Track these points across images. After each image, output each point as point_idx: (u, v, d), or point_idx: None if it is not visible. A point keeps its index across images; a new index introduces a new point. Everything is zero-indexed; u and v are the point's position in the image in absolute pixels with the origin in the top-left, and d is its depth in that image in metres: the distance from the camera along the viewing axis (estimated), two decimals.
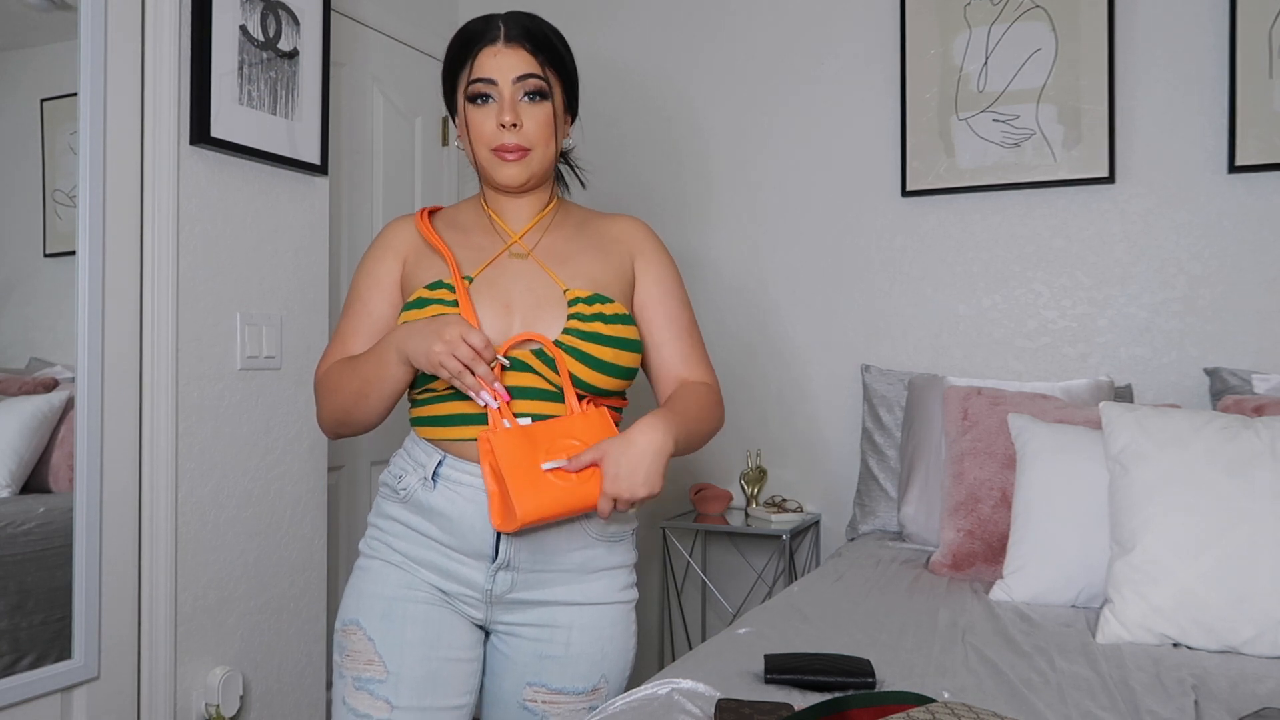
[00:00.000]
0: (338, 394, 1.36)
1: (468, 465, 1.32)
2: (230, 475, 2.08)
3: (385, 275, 1.42)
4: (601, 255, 1.43)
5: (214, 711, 1.99)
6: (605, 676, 1.38)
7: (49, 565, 1.76)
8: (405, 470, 1.36)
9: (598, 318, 1.33)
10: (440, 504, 1.32)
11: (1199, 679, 1.40)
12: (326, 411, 1.39)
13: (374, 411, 1.34)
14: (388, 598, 1.34)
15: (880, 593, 1.91)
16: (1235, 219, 2.38)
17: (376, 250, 1.44)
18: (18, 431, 1.74)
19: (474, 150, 1.38)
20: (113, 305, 1.85)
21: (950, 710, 0.97)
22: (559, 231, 1.44)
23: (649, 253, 1.46)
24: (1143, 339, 2.46)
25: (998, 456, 2.09)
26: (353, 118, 2.65)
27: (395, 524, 1.37)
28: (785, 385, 2.85)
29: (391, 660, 1.32)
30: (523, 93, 1.34)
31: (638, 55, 3.04)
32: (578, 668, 1.36)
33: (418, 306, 1.33)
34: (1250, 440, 1.65)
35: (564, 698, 1.35)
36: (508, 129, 1.33)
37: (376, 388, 1.31)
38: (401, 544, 1.36)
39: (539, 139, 1.35)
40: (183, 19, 1.96)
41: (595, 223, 1.48)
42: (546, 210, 1.45)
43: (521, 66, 1.34)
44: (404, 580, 1.35)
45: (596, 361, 1.31)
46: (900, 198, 2.70)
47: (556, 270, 1.38)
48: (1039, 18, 2.52)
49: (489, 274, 1.37)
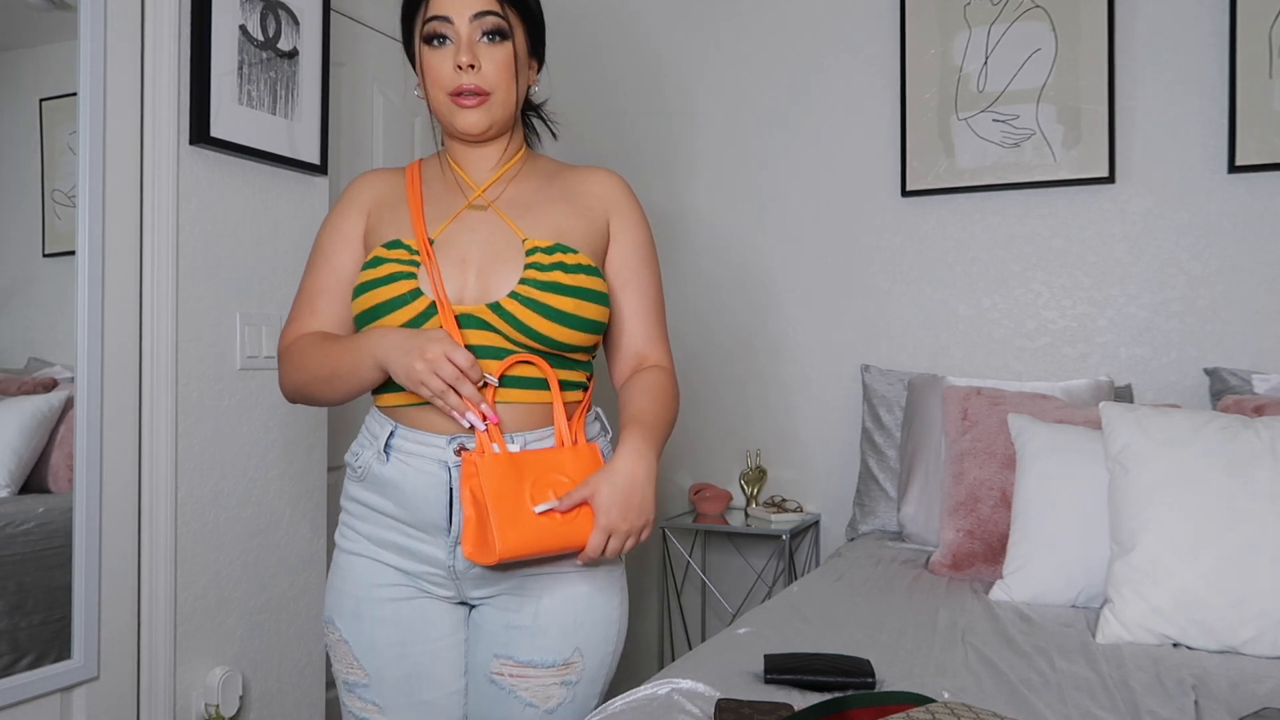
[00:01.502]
0: (303, 371, 1.31)
1: (420, 435, 1.26)
2: (230, 475, 2.07)
3: (350, 229, 1.37)
4: (571, 207, 1.35)
5: (213, 711, 1.99)
6: (580, 650, 1.28)
7: (48, 565, 1.76)
8: (363, 445, 1.31)
9: (558, 267, 1.25)
10: (393, 475, 1.26)
11: (1199, 679, 1.40)
12: (290, 382, 1.34)
13: (337, 397, 1.30)
14: (357, 596, 1.31)
15: (880, 593, 1.91)
16: (1235, 219, 2.38)
17: (342, 205, 1.39)
18: (17, 431, 1.74)
19: (430, 96, 1.31)
20: (112, 305, 1.85)
21: (950, 710, 0.97)
22: (526, 182, 1.37)
23: (626, 212, 1.39)
24: (1142, 339, 2.46)
25: (997, 456, 2.09)
26: (352, 118, 2.65)
27: (357, 505, 1.32)
28: (785, 385, 2.85)
29: (368, 663, 1.30)
30: (481, 32, 1.27)
31: (637, 55, 3.04)
32: (547, 638, 1.27)
33: (373, 265, 1.28)
34: (1250, 440, 1.65)
35: (533, 670, 1.27)
36: (465, 70, 1.26)
37: (345, 381, 1.27)
38: (365, 526, 1.31)
39: (499, 81, 1.28)
40: (182, 19, 1.96)
41: (567, 175, 1.40)
42: (514, 161, 1.38)
43: (479, 3, 1.27)
44: (371, 575, 1.31)
45: (555, 313, 1.23)
46: (900, 198, 2.70)
47: (518, 221, 1.31)
48: (1039, 18, 2.52)
49: (450, 231, 1.31)
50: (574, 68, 3.13)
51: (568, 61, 3.13)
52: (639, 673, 2.87)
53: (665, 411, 1.30)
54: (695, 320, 2.95)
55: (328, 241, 1.37)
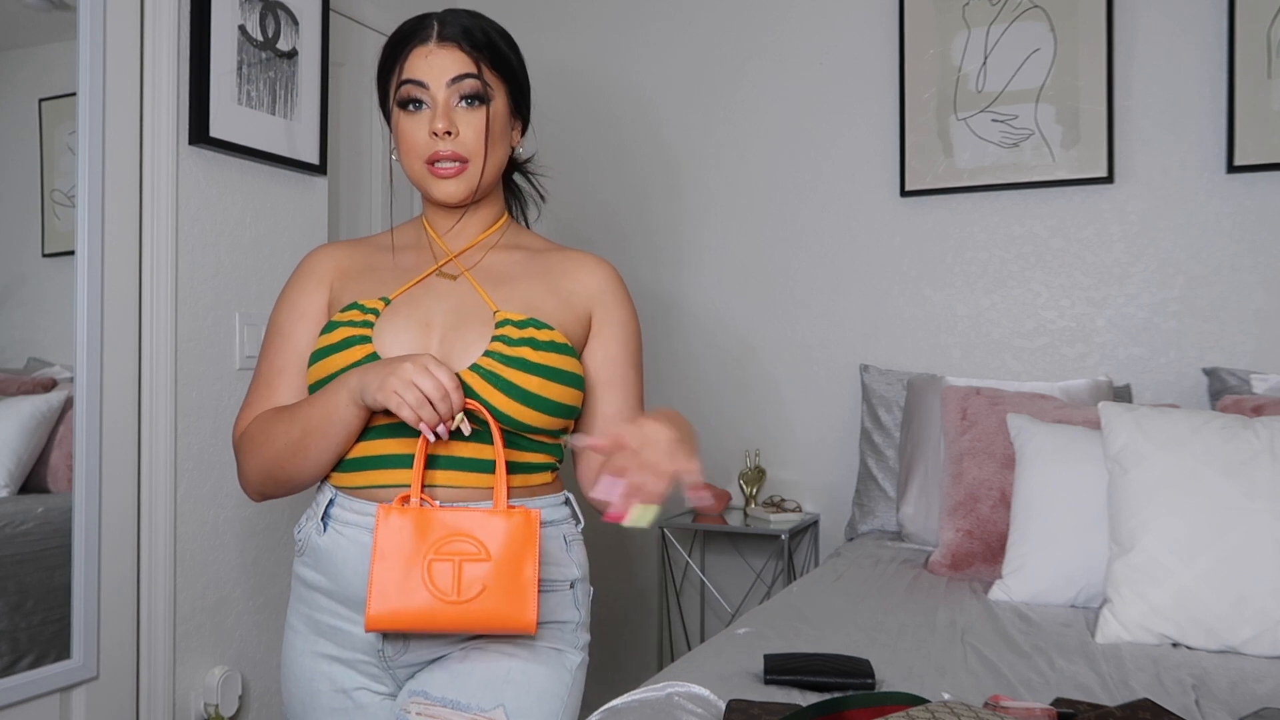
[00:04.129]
0: (266, 446, 1.19)
1: (358, 504, 1.18)
2: (229, 475, 2.07)
3: (308, 304, 1.27)
4: (550, 288, 1.26)
5: (213, 711, 1.99)
6: (505, 709, 1.12)
7: (48, 565, 1.76)
8: (307, 517, 1.24)
9: (527, 342, 1.16)
10: (328, 546, 1.19)
11: (1198, 679, 1.40)
12: (252, 466, 1.22)
13: (311, 465, 1.17)
14: (303, 701, 1.24)
15: (879, 593, 1.91)
16: (1234, 219, 2.38)
17: (298, 279, 1.29)
18: (16, 432, 1.74)
19: (406, 164, 1.24)
20: (111, 305, 1.85)
21: (950, 710, 0.97)
22: (505, 254, 1.29)
23: (614, 307, 1.29)
24: (1141, 339, 2.47)
25: (996, 456, 2.10)
26: (352, 118, 2.65)
27: (299, 583, 1.25)
28: (784, 385, 2.85)
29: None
30: (459, 96, 1.20)
31: (639, 55, 3.04)
32: (469, 679, 1.14)
33: (327, 331, 1.20)
34: (1249, 440, 1.65)
35: (444, 711, 1.12)
36: (441, 137, 1.19)
37: (320, 436, 1.15)
38: (304, 609, 1.24)
39: (477, 149, 1.21)
40: (182, 19, 1.96)
41: (553, 255, 1.31)
42: (493, 229, 1.31)
43: (456, 67, 1.20)
44: (312, 679, 1.23)
45: (519, 391, 1.14)
46: (899, 198, 2.70)
47: (492, 292, 1.22)
48: (1038, 18, 2.52)
49: (412, 294, 1.22)
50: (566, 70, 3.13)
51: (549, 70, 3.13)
52: (638, 673, 2.87)
53: None
54: (694, 320, 2.95)
55: (284, 319, 1.27)
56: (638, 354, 1.31)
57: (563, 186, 2.94)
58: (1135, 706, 1.12)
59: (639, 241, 3.00)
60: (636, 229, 3.02)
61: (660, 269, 2.98)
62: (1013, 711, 1.12)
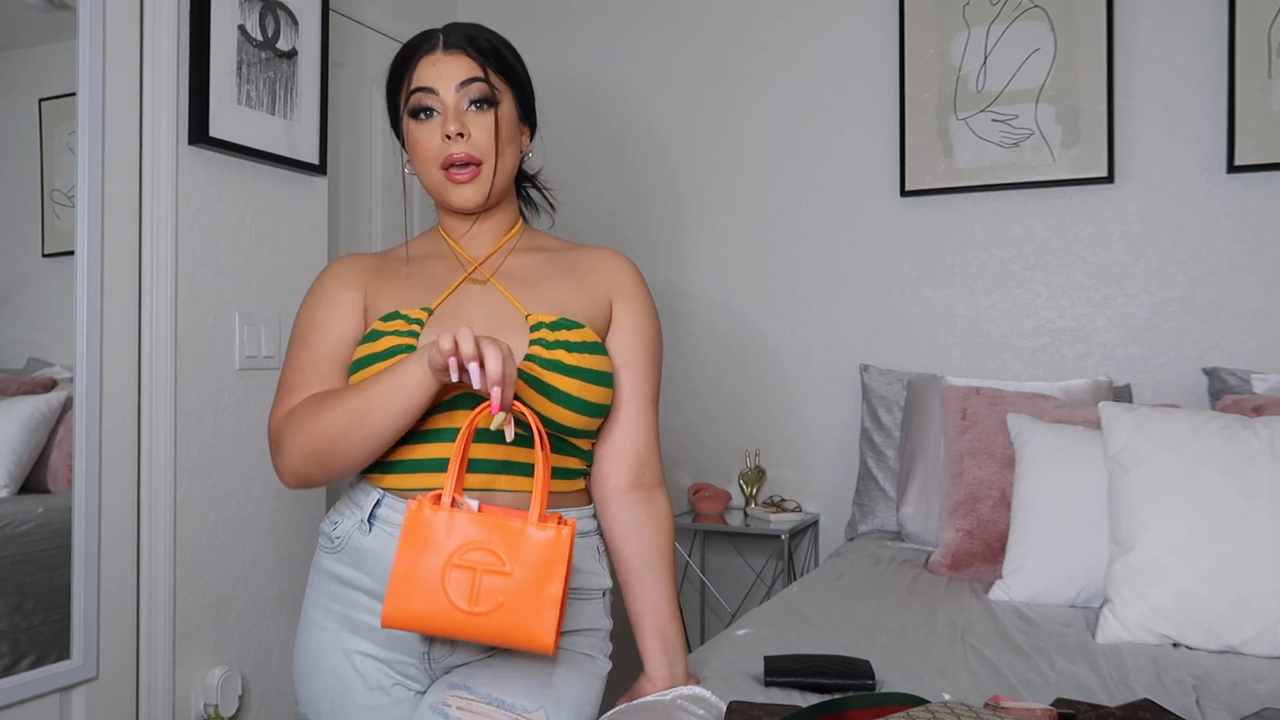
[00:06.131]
0: (320, 418, 1.16)
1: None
2: (229, 475, 2.07)
3: (345, 300, 1.26)
4: (573, 284, 1.28)
5: (213, 711, 1.99)
6: (546, 711, 1.15)
7: (48, 565, 1.76)
8: (343, 515, 1.24)
9: (561, 345, 1.19)
10: (375, 546, 1.19)
11: (1199, 679, 1.40)
12: (298, 443, 1.18)
13: (367, 436, 1.14)
14: (331, 700, 1.22)
15: (879, 593, 1.91)
16: (1234, 219, 2.38)
17: (326, 283, 1.28)
18: (16, 432, 1.74)
19: (421, 173, 1.26)
20: (111, 305, 1.85)
21: (950, 710, 0.97)
22: (525, 256, 1.32)
23: (632, 297, 1.31)
24: (1141, 339, 2.46)
25: (997, 456, 2.10)
26: (351, 118, 2.65)
27: (330, 580, 1.23)
28: (784, 385, 2.85)
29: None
30: (468, 100, 1.23)
31: (639, 56, 3.03)
32: (514, 678, 1.16)
33: (371, 340, 1.20)
34: (1249, 440, 1.65)
35: (487, 708, 1.13)
36: (454, 139, 1.21)
37: (383, 402, 1.12)
38: (336, 606, 1.22)
39: (489, 150, 1.23)
40: (181, 19, 1.96)
41: (571, 252, 1.34)
42: (511, 233, 1.33)
43: (463, 72, 1.23)
44: (344, 678, 1.21)
45: (559, 394, 1.17)
46: (899, 197, 2.70)
47: (519, 295, 1.25)
48: (1038, 17, 2.52)
49: (450, 302, 1.24)
50: (565, 70, 3.13)
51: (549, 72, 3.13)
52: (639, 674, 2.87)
53: (672, 589, 1.28)
54: (695, 320, 2.95)
55: (322, 312, 1.26)
56: (653, 346, 1.31)
57: (563, 188, 2.93)
58: (1135, 707, 1.12)
59: (639, 242, 3.00)
60: (637, 229, 3.02)
61: (661, 269, 2.98)
62: (1013, 712, 1.12)
